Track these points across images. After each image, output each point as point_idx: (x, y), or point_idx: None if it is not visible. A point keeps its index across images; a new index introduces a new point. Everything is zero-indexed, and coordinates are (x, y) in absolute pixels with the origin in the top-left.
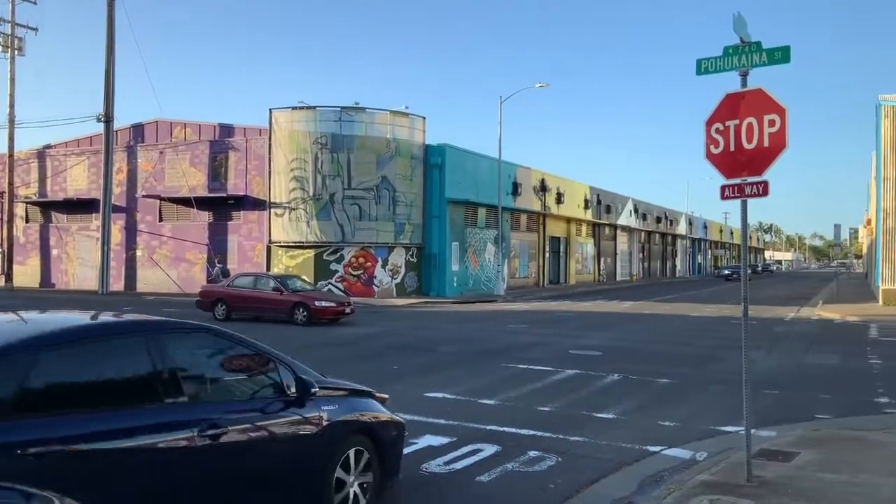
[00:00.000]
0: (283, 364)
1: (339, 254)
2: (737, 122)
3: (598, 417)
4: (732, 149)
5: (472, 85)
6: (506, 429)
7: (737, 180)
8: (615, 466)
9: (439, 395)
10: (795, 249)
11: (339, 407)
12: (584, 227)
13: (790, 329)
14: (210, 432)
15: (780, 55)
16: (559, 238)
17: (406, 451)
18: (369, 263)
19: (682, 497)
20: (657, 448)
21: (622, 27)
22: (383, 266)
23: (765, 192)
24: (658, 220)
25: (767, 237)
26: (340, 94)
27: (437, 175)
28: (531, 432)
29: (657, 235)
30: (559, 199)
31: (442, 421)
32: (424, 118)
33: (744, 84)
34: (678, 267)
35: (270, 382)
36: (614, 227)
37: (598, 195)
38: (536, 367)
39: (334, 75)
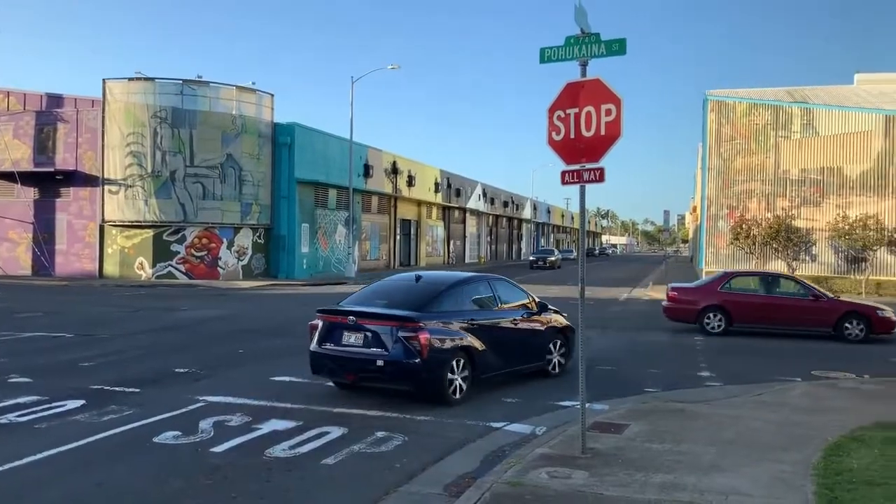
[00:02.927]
0: (530, 293)
1: (180, 234)
2: (577, 110)
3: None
4: (572, 136)
5: (327, 65)
6: (354, 410)
7: (576, 166)
8: (460, 444)
9: (286, 378)
10: (629, 234)
11: (552, 315)
12: (434, 210)
13: (624, 309)
14: (513, 320)
15: (617, 47)
16: (410, 221)
17: (249, 437)
18: (213, 244)
19: (521, 470)
20: (500, 424)
21: (477, 15)
22: (229, 247)
23: (601, 178)
24: (505, 204)
25: (605, 222)
26: (185, 70)
27: (286, 154)
28: (379, 413)
29: (504, 219)
30: (411, 181)
31: (288, 405)
32: (273, 95)
33: (583, 74)
34: (523, 250)
35: (528, 301)
36: (464, 210)
37: (448, 179)
38: None
39: (177, 49)
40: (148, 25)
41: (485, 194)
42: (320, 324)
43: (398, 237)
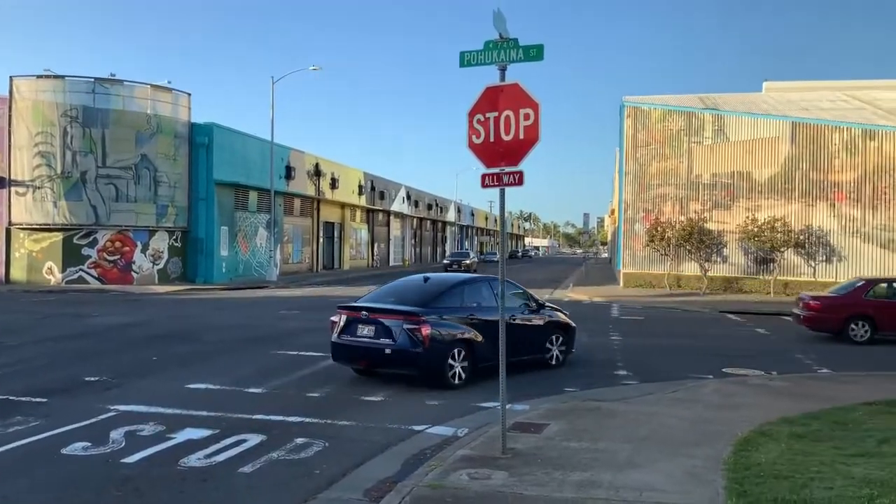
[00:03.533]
0: (531, 295)
1: (92, 237)
2: (496, 114)
3: (367, 401)
4: (492, 139)
5: (248, 66)
6: (273, 417)
7: (496, 170)
8: (382, 448)
9: (202, 385)
10: (551, 236)
11: (551, 312)
12: (358, 213)
13: None
14: (513, 317)
15: (535, 53)
16: (334, 223)
17: (162, 447)
18: (127, 248)
19: (442, 473)
20: (422, 427)
21: (401, 19)
22: (143, 251)
23: (520, 182)
24: (429, 207)
25: (527, 225)
26: (100, 68)
27: (203, 155)
28: (299, 419)
29: (428, 222)
30: (334, 184)
31: (204, 413)
32: (189, 94)
33: (502, 78)
34: (448, 252)
35: (527, 300)
36: (388, 213)
37: (372, 181)
38: (307, 353)
39: (90, 47)
40: (60, 23)
41: (409, 197)
42: (339, 318)
43: (321, 240)
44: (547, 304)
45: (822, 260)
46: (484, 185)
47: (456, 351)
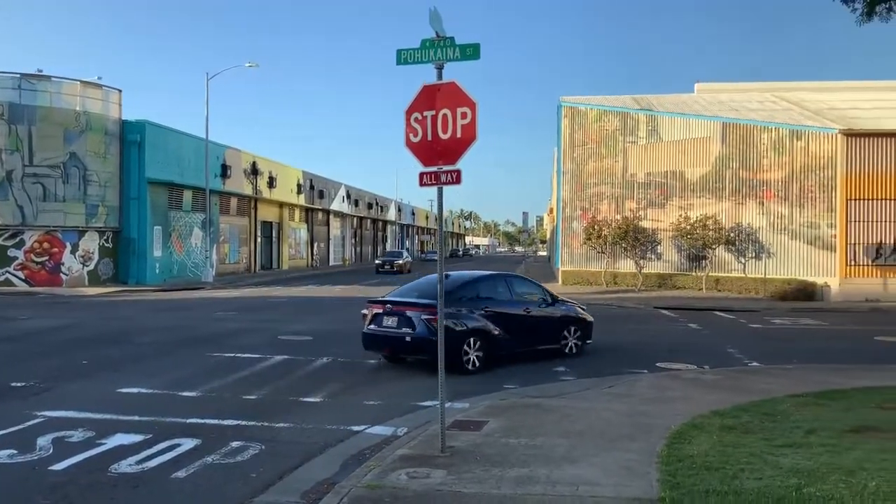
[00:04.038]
0: (545, 288)
1: (18, 238)
2: (433, 112)
3: (306, 402)
4: (430, 138)
5: (182, 62)
6: (208, 421)
7: (433, 168)
8: (320, 449)
9: (134, 389)
10: (492, 235)
11: (566, 307)
12: (297, 212)
13: None
14: (527, 310)
15: (472, 52)
16: (272, 223)
17: (92, 453)
18: (56, 249)
19: (381, 473)
20: (361, 427)
21: (339, 15)
22: (73, 252)
23: (458, 180)
24: (370, 206)
25: (468, 224)
26: (27, 64)
27: (135, 153)
28: (235, 422)
29: (369, 221)
30: (272, 182)
31: (136, 417)
32: (120, 91)
33: (440, 77)
34: (383, 252)
35: (543, 295)
36: (327, 212)
37: (311, 180)
38: (244, 355)
39: (18, 43)
40: None
41: (349, 196)
42: (369, 311)
43: (259, 240)
44: (562, 298)
45: (752, 256)
46: (422, 184)
47: (471, 340)
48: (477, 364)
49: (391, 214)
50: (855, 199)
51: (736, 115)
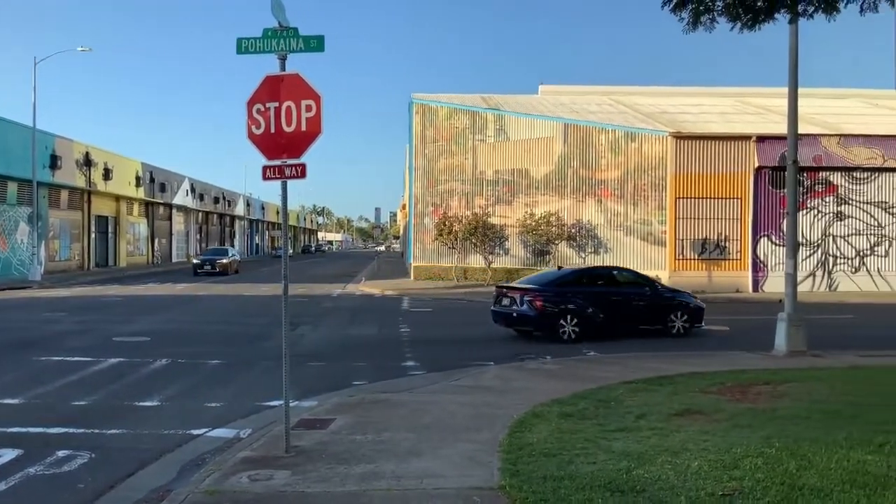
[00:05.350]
0: (652, 279)
1: None
2: (277, 104)
3: (141, 406)
4: (273, 131)
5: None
6: (31, 429)
7: (277, 162)
8: (156, 455)
9: None
10: (345, 231)
11: (673, 295)
12: (136, 206)
13: (337, 304)
14: (628, 296)
15: (316, 43)
16: (108, 217)
17: None
18: None
19: (221, 477)
20: (201, 431)
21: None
22: None
23: (303, 174)
24: (216, 200)
25: (321, 219)
26: None
27: None
28: (62, 430)
29: (215, 216)
30: (107, 175)
31: None
32: None
33: (282, 68)
34: (236, 248)
35: (647, 283)
36: (170, 206)
37: (151, 172)
38: (75, 359)
39: None
40: None
41: (193, 189)
42: (496, 293)
43: (94, 235)
44: (671, 288)
45: (591, 251)
46: (265, 178)
47: (567, 316)
48: (573, 336)
49: (240, 209)
50: (683, 198)
51: (577, 117)
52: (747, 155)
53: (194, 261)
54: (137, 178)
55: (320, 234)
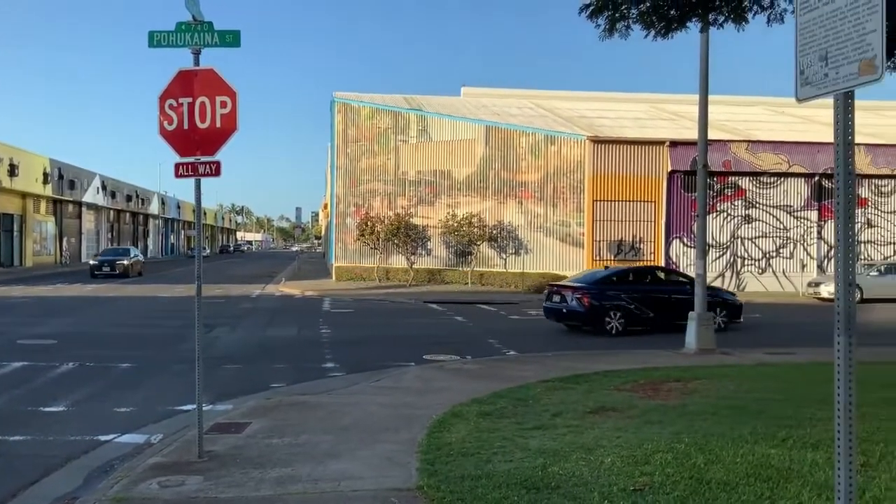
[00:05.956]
0: (689, 278)
1: None
2: (190, 100)
3: (46, 412)
4: (186, 127)
5: None
6: None
7: (191, 159)
8: (62, 462)
9: None
10: (265, 231)
11: (713, 291)
12: (43, 204)
13: (255, 305)
14: (669, 294)
15: (231, 38)
16: (13, 215)
17: None
18: None
19: (130, 483)
20: (110, 437)
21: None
22: None
23: (217, 172)
24: (129, 198)
25: (240, 219)
26: None
27: None
28: None
29: (128, 214)
30: (12, 171)
31: None
32: None
33: (196, 62)
34: (150, 247)
35: (687, 282)
36: (80, 204)
37: (60, 169)
38: None
39: None
40: None
41: (105, 187)
42: (548, 291)
43: None
44: (709, 285)
45: (512, 252)
46: (178, 175)
47: (612, 312)
48: (619, 329)
49: (154, 208)
50: (600, 200)
51: (498, 119)
52: (661, 159)
53: (91, 262)
54: (45, 175)
55: (240, 234)
